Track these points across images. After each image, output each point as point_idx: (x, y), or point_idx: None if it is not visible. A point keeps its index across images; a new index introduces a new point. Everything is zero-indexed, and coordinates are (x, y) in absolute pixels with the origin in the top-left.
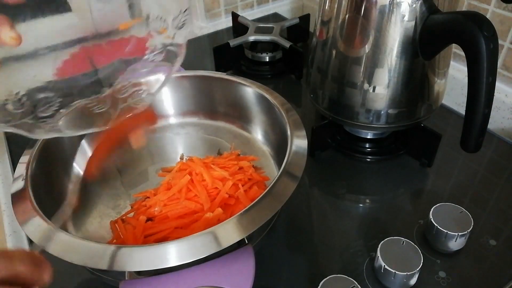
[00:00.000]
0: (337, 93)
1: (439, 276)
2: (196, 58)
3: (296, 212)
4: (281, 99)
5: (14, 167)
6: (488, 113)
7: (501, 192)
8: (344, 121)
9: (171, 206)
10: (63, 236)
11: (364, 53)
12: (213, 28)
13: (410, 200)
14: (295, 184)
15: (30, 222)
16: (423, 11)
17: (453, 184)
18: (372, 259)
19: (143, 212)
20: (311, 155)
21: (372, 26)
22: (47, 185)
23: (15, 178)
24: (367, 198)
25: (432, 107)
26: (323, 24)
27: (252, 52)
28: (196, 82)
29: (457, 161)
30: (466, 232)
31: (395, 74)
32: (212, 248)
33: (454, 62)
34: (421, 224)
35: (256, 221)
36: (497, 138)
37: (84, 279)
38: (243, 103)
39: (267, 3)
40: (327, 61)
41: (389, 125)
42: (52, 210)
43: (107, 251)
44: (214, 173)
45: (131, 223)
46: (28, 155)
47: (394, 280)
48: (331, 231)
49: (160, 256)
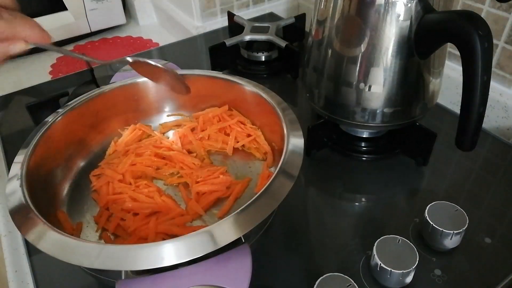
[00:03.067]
0: (333, 92)
1: (435, 274)
2: (192, 57)
3: (293, 211)
4: (277, 98)
5: (8, 167)
6: (483, 112)
7: (496, 190)
8: (340, 120)
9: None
10: (58, 236)
11: (360, 52)
12: (209, 27)
13: (405, 198)
14: (291, 183)
15: (25, 222)
16: (418, 11)
17: (448, 182)
18: (368, 257)
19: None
20: (307, 154)
21: (367, 26)
22: (42, 184)
23: (9, 177)
24: (363, 196)
25: (427, 106)
26: (319, 23)
27: (248, 52)
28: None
29: (452, 160)
30: (461, 230)
31: (390, 73)
32: (208, 247)
33: (449, 61)
34: (416, 223)
35: (252, 220)
36: (492, 136)
37: (80, 279)
38: (239, 102)
39: (262, 3)
40: (323, 60)
41: (384, 124)
42: (47, 209)
43: (103, 251)
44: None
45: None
46: (23, 155)
47: (390, 278)
48: (328, 230)
49: (157, 255)
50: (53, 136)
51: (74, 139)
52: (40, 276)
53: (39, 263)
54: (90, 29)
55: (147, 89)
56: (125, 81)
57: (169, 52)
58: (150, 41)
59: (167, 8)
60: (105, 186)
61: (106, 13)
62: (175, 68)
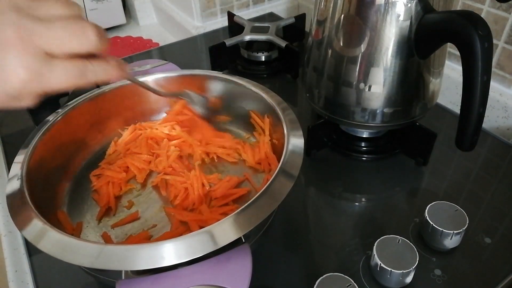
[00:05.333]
0: (333, 92)
1: (435, 274)
2: (192, 57)
3: (293, 211)
4: (277, 98)
5: (8, 167)
6: (482, 112)
7: (495, 190)
8: (340, 120)
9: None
10: (58, 236)
11: (360, 52)
12: (209, 27)
13: (405, 198)
14: (291, 183)
15: (25, 222)
16: (418, 11)
17: (448, 182)
18: (368, 257)
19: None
20: (307, 154)
21: (367, 26)
22: (42, 184)
23: (10, 177)
24: (363, 196)
25: (427, 106)
26: (319, 23)
27: (248, 52)
28: (192, 81)
29: (452, 160)
30: (461, 230)
31: (390, 73)
32: (209, 247)
33: (449, 61)
34: (416, 223)
35: (252, 220)
36: (492, 136)
37: (80, 279)
38: (239, 102)
39: (262, 3)
40: (323, 60)
41: (384, 124)
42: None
43: (104, 250)
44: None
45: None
46: (23, 155)
47: (390, 278)
48: (328, 230)
49: (157, 255)
50: (53, 136)
51: (74, 139)
52: (40, 276)
53: (39, 263)
54: None
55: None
56: (125, 81)
57: (169, 52)
58: (150, 41)
59: (167, 8)
60: (105, 186)
61: (106, 13)
62: (175, 68)
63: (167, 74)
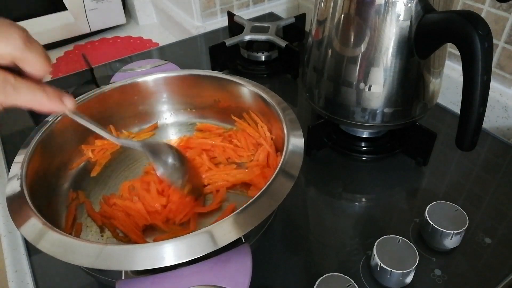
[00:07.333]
0: (333, 92)
1: (435, 274)
2: (192, 57)
3: (293, 211)
4: (277, 98)
5: (8, 167)
6: (483, 112)
7: (496, 190)
8: (340, 120)
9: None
10: (58, 236)
11: (360, 52)
12: (209, 27)
13: (405, 198)
14: (291, 183)
15: (25, 222)
16: (418, 10)
17: (448, 182)
18: (368, 257)
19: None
20: (307, 154)
21: (367, 26)
22: (42, 184)
23: (10, 177)
24: (363, 196)
25: (427, 106)
26: (319, 23)
27: (248, 52)
28: (192, 81)
29: (452, 160)
30: (461, 230)
31: (390, 73)
32: (209, 247)
33: (449, 61)
34: (416, 223)
35: (253, 220)
36: (492, 136)
37: (80, 279)
38: (239, 102)
39: (262, 3)
40: (323, 60)
41: (384, 124)
42: (48, 209)
43: (103, 251)
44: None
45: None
46: (23, 155)
47: (390, 278)
48: (328, 230)
49: (157, 255)
50: (53, 136)
51: (74, 139)
52: (40, 276)
53: (39, 263)
54: (90, 29)
55: (147, 89)
56: (125, 81)
57: (169, 52)
58: (150, 41)
59: (167, 8)
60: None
61: (106, 13)
62: (175, 68)
63: (167, 74)
